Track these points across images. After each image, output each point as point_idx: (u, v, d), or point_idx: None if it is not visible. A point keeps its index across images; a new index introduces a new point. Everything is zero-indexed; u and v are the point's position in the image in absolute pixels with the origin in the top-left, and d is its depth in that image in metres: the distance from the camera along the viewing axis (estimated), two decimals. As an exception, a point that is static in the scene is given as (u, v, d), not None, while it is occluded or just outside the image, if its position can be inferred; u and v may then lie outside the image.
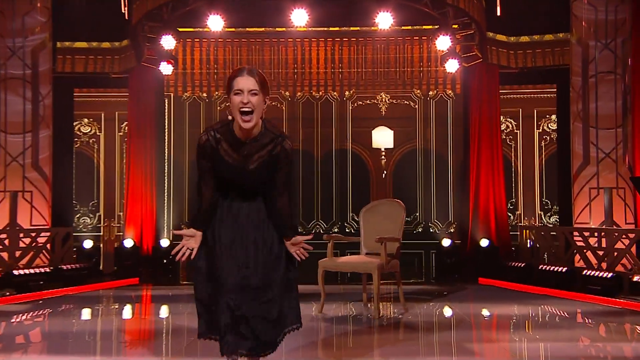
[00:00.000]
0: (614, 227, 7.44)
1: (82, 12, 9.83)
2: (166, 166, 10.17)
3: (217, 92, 10.34)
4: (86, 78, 10.08)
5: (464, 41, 8.82)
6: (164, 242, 9.37)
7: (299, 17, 7.99)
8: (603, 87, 8.14)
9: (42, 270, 7.52)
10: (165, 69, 9.32)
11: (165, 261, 9.20)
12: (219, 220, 2.88)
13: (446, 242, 8.90)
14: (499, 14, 8.49)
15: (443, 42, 8.30)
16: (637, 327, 5.24)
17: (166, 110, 10.30)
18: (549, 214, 9.91)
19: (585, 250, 7.22)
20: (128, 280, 8.26)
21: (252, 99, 2.65)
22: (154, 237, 9.67)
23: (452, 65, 8.71)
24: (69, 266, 7.97)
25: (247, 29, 9.96)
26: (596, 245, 7.33)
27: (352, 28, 9.91)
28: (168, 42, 8.74)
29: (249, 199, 2.89)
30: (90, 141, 10.49)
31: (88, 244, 8.94)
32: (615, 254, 6.83)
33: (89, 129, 10.50)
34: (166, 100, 10.30)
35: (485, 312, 6.16)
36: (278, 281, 2.88)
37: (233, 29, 9.28)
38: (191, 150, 10.17)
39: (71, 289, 7.28)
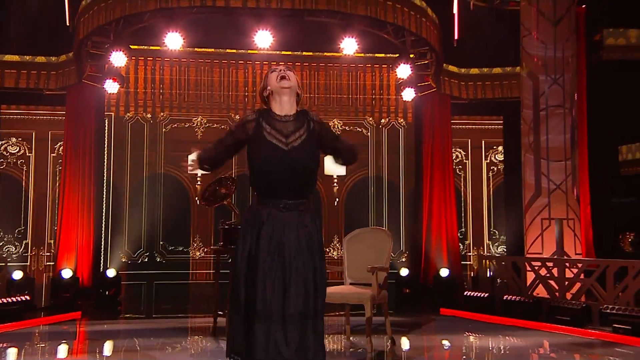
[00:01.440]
0: (578, 258, 7.54)
1: (15, 24, 9.13)
2: (105, 190, 9.43)
3: (162, 113, 9.72)
4: (17, 94, 9.27)
5: (419, 70, 8.76)
6: (111, 272, 8.61)
7: (263, 39, 7.64)
8: (553, 121, 8.23)
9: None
10: (111, 87, 8.67)
11: (109, 293, 8.50)
12: (257, 224, 2.87)
13: (404, 272, 8.71)
14: (455, 45, 8.53)
15: (404, 71, 8.18)
16: (610, 357, 5.33)
17: (106, 131, 9.58)
18: (496, 244, 9.98)
19: (549, 281, 7.22)
20: (68, 314, 7.45)
21: (287, 73, 2.92)
22: (92, 267, 8.90)
23: (408, 94, 8.63)
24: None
25: (197, 49, 9.48)
26: (548, 275, 7.40)
27: (305, 53, 9.69)
28: (118, 59, 8.10)
29: (296, 198, 2.90)
30: (19, 162, 9.54)
31: (18, 274, 8.00)
32: (580, 284, 6.88)
33: (17, 149, 9.55)
34: (107, 120, 9.58)
35: (472, 343, 6.18)
36: (319, 307, 2.88)
37: (186, 49, 8.74)
38: (133, 173, 9.55)
39: (4, 325, 6.42)
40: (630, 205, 7.46)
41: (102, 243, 9.34)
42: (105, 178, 9.46)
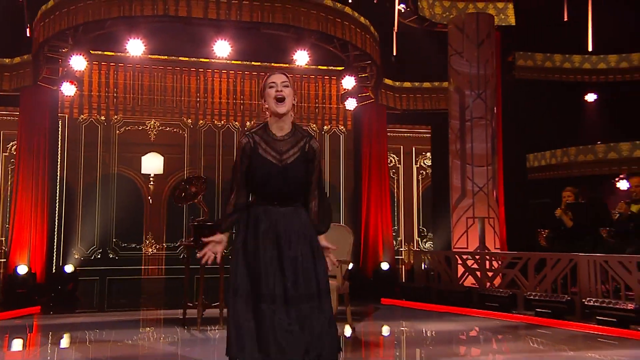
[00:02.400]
0: (500, 252, 8.15)
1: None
2: (58, 190, 9.19)
3: (116, 116, 9.62)
4: (-33, 94, 8.93)
5: (361, 82, 9.16)
6: (68, 268, 8.48)
7: (222, 49, 7.78)
8: (476, 131, 8.89)
9: None
10: (68, 89, 8.51)
11: (67, 288, 8.40)
12: (255, 222, 2.91)
13: (349, 266, 9.07)
14: (393, 60, 9.01)
15: (348, 82, 8.57)
16: (533, 337, 5.82)
17: (60, 132, 9.35)
18: (424, 240, 10.57)
19: (478, 272, 7.77)
20: (27, 309, 7.30)
21: (284, 90, 2.88)
22: (46, 264, 8.68)
23: (351, 103, 9.04)
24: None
25: (150, 56, 9.42)
26: (475, 266, 7.98)
27: (253, 62, 9.87)
28: (78, 63, 7.97)
29: (287, 204, 2.95)
30: (-31, 161, 9.18)
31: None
32: (502, 274, 7.47)
33: (-33, 149, 9.19)
34: (60, 121, 9.36)
35: (414, 327, 6.58)
36: (322, 288, 2.91)
37: (141, 56, 8.67)
38: (86, 173, 9.39)
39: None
40: (545, 205, 8.12)
41: (55, 240, 9.14)
42: (58, 178, 9.24)
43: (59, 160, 9.27)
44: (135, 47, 7.78)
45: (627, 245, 6.94)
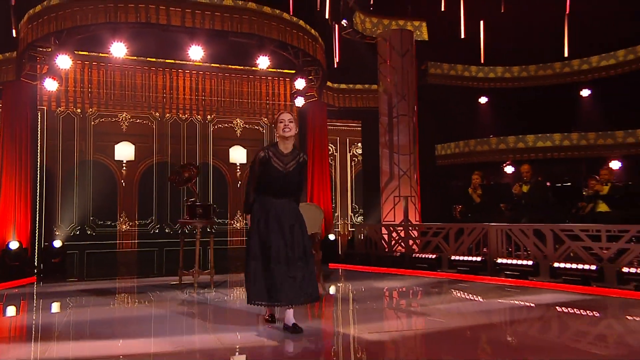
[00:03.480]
0: (429, 223, 9.19)
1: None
2: (39, 175, 9.53)
3: (91, 109, 10.08)
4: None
5: (308, 84, 10.19)
6: (57, 243, 8.87)
7: (196, 53, 8.37)
8: (401, 125, 10.25)
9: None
10: (50, 85, 8.86)
11: (54, 261, 8.75)
12: (266, 211, 4.08)
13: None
14: (335, 66, 10.18)
15: (300, 83, 9.58)
16: (454, 289, 6.68)
17: (39, 123, 9.67)
18: (357, 215, 11.89)
19: (410, 241, 8.90)
20: (25, 279, 7.81)
21: (289, 124, 4.12)
22: (30, 240, 9.03)
23: (299, 101, 10.06)
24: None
25: (124, 57, 9.93)
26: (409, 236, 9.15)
27: (213, 64, 10.58)
28: (64, 61, 8.41)
29: (284, 197, 4.13)
30: (-47, 148, 9.26)
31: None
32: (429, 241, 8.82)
33: (-49, 137, 9.27)
34: (39, 113, 9.67)
35: (375, 285, 7.11)
36: (308, 253, 4.07)
37: (115, 56, 9.16)
38: (64, 160, 9.80)
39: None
40: (459, 186, 9.38)
41: (38, 220, 9.44)
42: (39, 164, 9.55)
43: (38, 148, 9.56)
44: (118, 49, 8.23)
45: (522, 216, 8.17)
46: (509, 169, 12.13)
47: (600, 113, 12.74)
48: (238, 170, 11.00)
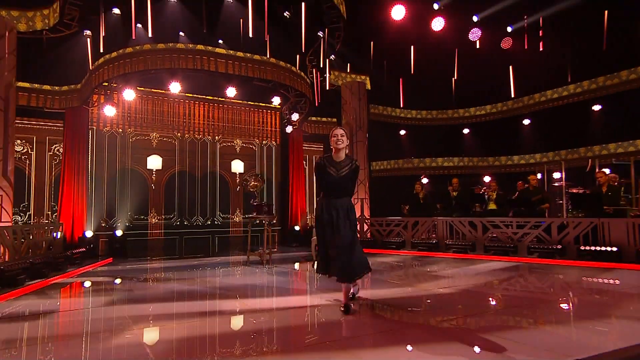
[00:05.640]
0: (392, 217, 11.67)
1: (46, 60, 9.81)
2: (88, 180, 10.65)
3: (129, 129, 11.35)
4: (24, 110, 10.07)
5: (299, 117, 12.17)
6: (118, 232, 10.15)
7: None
8: (359, 148, 12.72)
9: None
10: (109, 111, 10.20)
11: (118, 246, 9.95)
12: (325, 208, 4.11)
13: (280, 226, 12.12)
14: (317, 105, 12.41)
15: (295, 116, 11.66)
16: (416, 263, 9.22)
17: (90, 139, 10.81)
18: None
19: (379, 228, 11.35)
20: (106, 260, 8.86)
21: (341, 138, 4.06)
22: (91, 230, 10.14)
23: (289, 129, 12.14)
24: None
25: (153, 90, 11.40)
26: (378, 226, 11.62)
27: (220, 98, 12.26)
28: (129, 94, 9.78)
29: (340, 197, 4.10)
30: (22, 157, 10.17)
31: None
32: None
33: (22, 148, 10.18)
34: (90, 132, 10.82)
35: (378, 260, 7.67)
36: (355, 242, 4.06)
37: (146, 89, 10.57)
38: (109, 168, 10.98)
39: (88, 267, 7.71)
40: (408, 192, 11.38)
41: (88, 215, 10.53)
42: (88, 171, 10.69)
43: (89, 159, 10.74)
44: (174, 87, 9.75)
45: (453, 212, 9.90)
46: (425, 180, 14.92)
47: (477, 145, 16.08)
48: (237, 178, 12.72)
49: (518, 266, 7.20)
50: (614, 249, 7.32)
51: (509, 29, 14.26)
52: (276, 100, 11.10)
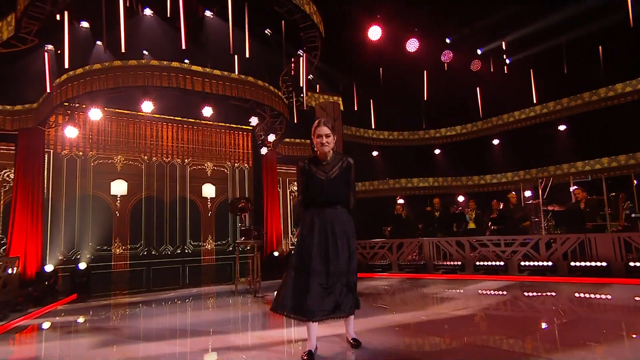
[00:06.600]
0: (379, 239, 11.29)
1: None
2: (44, 207, 9.65)
3: (91, 152, 10.46)
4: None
5: (275, 138, 11.58)
6: (82, 265, 9.07)
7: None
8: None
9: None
10: (71, 132, 9.34)
11: (79, 281, 8.95)
12: (315, 223, 3.23)
13: (276, 253, 11.39)
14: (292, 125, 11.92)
15: (271, 137, 11.11)
16: (405, 285, 8.88)
17: (46, 163, 9.85)
18: (294, 235, 13.44)
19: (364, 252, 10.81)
20: (69, 297, 7.93)
21: (326, 139, 3.29)
22: (41, 264, 9.12)
23: (264, 150, 11.58)
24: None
25: (116, 110, 10.62)
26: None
27: (190, 119, 11.65)
28: (96, 114, 8.96)
29: (333, 206, 3.28)
30: (-33, 184, 9.07)
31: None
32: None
33: (-34, 173, 9.10)
34: (46, 155, 9.87)
35: (369, 284, 7.42)
36: (352, 268, 3.23)
37: (107, 109, 9.88)
38: (68, 194, 10.04)
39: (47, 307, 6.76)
40: (387, 213, 11.16)
41: (45, 247, 9.50)
42: (45, 198, 9.69)
43: (45, 184, 9.75)
44: (147, 106, 8.93)
45: (437, 232, 10.00)
46: (401, 201, 14.71)
47: (449, 165, 16.07)
48: (209, 203, 11.98)
49: (515, 285, 7.02)
50: (604, 264, 7.33)
51: (479, 52, 14.42)
52: (254, 121, 10.53)
